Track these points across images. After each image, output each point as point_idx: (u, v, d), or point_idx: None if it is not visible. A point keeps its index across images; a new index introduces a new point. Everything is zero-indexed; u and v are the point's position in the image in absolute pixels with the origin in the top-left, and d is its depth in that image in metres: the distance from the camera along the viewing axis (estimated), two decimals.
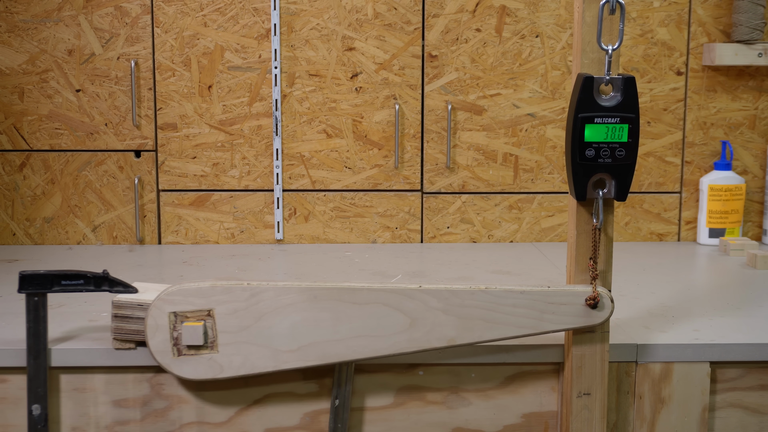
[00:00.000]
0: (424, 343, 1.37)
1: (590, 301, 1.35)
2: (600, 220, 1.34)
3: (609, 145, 1.30)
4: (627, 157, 1.31)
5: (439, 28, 2.12)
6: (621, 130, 1.30)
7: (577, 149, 1.31)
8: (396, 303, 1.36)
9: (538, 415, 1.48)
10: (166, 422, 1.46)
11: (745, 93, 2.18)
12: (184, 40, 2.11)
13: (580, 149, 1.30)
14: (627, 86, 1.29)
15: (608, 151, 1.31)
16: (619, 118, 1.30)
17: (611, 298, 1.36)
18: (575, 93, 1.30)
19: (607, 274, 1.37)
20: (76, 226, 2.16)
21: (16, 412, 1.45)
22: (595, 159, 1.31)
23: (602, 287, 1.37)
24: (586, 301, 1.35)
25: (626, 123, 1.30)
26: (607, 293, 1.36)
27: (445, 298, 1.36)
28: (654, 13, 2.15)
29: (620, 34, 1.29)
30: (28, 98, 2.12)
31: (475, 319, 1.36)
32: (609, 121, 1.30)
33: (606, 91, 1.30)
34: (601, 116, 1.30)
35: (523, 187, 2.19)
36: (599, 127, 1.30)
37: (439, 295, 1.36)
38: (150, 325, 1.37)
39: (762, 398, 1.49)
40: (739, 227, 2.18)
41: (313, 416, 1.46)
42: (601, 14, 1.28)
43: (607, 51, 1.29)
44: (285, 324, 1.36)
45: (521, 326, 1.37)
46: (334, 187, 2.17)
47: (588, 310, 1.36)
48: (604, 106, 1.30)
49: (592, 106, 1.29)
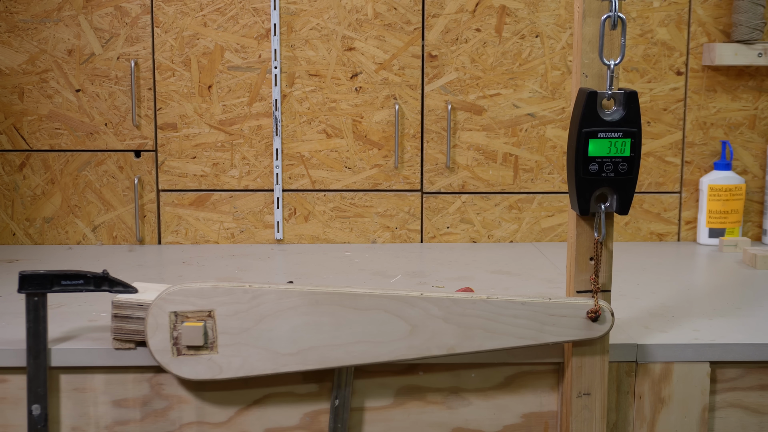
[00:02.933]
0: (423, 350, 1.37)
1: (592, 314, 1.35)
2: (602, 234, 1.34)
3: (612, 160, 1.30)
4: (629, 171, 1.31)
5: (439, 28, 2.12)
6: (624, 144, 1.30)
7: (581, 164, 1.30)
8: (397, 310, 1.36)
9: (538, 415, 1.48)
10: (166, 422, 1.46)
11: (745, 93, 2.18)
12: (184, 40, 2.11)
13: (584, 164, 1.30)
14: (629, 101, 1.29)
15: (611, 166, 1.31)
16: (622, 133, 1.30)
17: (612, 312, 1.37)
18: (578, 108, 1.30)
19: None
20: (76, 226, 2.16)
21: (16, 412, 1.45)
22: (598, 173, 1.31)
23: (603, 301, 1.37)
24: (587, 314, 1.36)
25: (629, 137, 1.30)
26: (608, 306, 1.36)
27: (446, 306, 1.36)
28: (654, 13, 2.15)
29: (622, 49, 1.29)
30: (28, 98, 2.12)
31: (475, 328, 1.37)
32: (612, 135, 1.30)
33: (608, 105, 1.30)
34: (605, 131, 1.29)
35: (523, 187, 2.19)
36: (602, 141, 1.30)
37: (440, 304, 1.36)
38: (150, 324, 1.37)
39: (762, 398, 1.49)
40: (739, 227, 2.18)
41: (313, 416, 1.46)
42: (603, 30, 1.28)
43: (609, 66, 1.29)
44: (285, 327, 1.36)
45: (521, 337, 1.37)
46: (334, 187, 2.17)
47: (589, 322, 1.36)
48: (606, 120, 1.29)
49: (595, 120, 1.29)
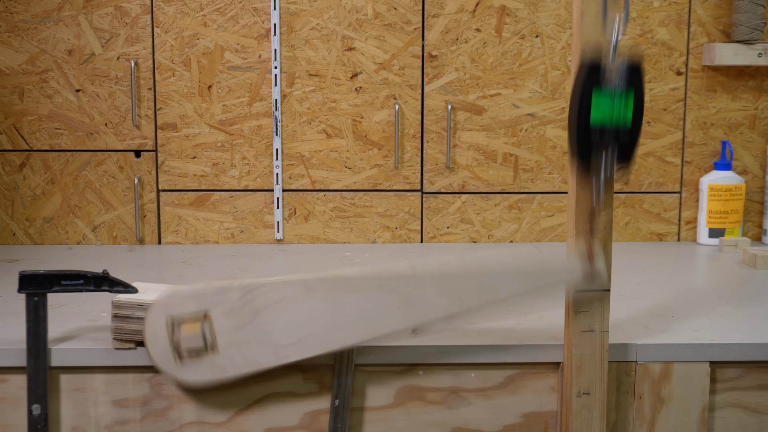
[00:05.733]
0: (420, 316, 1.37)
1: (587, 257, 1.34)
2: (602, 201, 1.32)
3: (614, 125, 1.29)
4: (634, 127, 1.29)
5: (439, 28, 2.12)
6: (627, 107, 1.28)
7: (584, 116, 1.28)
8: (391, 287, 1.36)
9: (537, 414, 1.48)
10: (166, 422, 1.46)
11: (745, 93, 2.18)
12: (184, 40, 2.11)
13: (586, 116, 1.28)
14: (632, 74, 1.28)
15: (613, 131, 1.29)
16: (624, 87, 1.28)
17: (607, 267, 1.35)
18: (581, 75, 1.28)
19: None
20: (76, 226, 2.16)
21: (16, 412, 1.45)
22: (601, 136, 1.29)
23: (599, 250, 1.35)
24: (582, 257, 1.34)
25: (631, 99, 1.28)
26: (602, 258, 1.34)
27: (440, 279, 1.36)
28: (654, 13, 2.15)
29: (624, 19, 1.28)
30: (28, 98, 2.12)
31: (470, 293, 1.37)
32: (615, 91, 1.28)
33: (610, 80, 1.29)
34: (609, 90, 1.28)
35: (523, 187, 2.19)
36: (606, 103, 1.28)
37: (434, 277, 1.36)
38: (149, 332, 1.37)
39: (762, 398, 1.49)
40: (739, 227, 2.18)
41: (313, 416, 1.46)
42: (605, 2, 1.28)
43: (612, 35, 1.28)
44: (282, 318, 1.36)
45: (517, 291, 1.37)
46: (334, 187, 2.17)
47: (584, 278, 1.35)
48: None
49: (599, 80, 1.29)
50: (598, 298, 1.37)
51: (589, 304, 1.38)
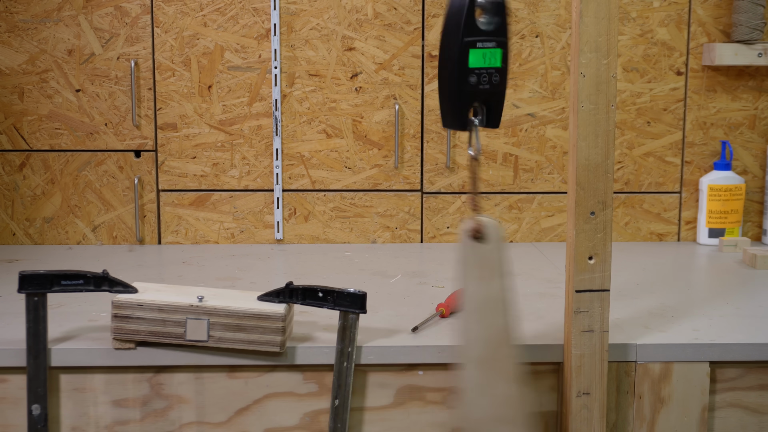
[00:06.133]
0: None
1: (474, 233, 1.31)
2: (478, 149, 1.31)
3: (487, 71, 1.27)
4: (501, 83, 1.28)
5: (439, 28, 2.12)
6: (494, 54, 1.26)
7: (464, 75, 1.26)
8: None
9: (537, 414, 1.48)
10: (165, 422, 1.46)
11: (745, 93, 2.18)
12: (184, 40, 2.11)
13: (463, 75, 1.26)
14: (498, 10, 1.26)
15: (487, 77, 1.27)
16: (495, 43, 1.26)
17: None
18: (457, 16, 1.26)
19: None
20: (76, 226, 2.16)
21: (16, 412, 1.45)
22: (476, 86, 1.27)
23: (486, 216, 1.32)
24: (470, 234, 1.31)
25: (500, 48, 1.27)
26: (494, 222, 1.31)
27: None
28: (654, 13, 2.15)
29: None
30: (28, 98, 2.12)
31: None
32: (488, 45, 1.26)
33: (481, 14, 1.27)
34: (482, 41, 1.26)
35: (523, 187, 2.19)
36: (480, 52, 1.26)
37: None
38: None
39: (762, 398, 1.49)
40: (739, 227, 2.18)
41: (313, 416, 1.46)
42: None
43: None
44: None
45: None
46: (334, 187, 2.17)
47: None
48: (483, 30, 1.26)
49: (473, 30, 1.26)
50: (598, 298, 1.37)
51: (589, 304, 1.38)
